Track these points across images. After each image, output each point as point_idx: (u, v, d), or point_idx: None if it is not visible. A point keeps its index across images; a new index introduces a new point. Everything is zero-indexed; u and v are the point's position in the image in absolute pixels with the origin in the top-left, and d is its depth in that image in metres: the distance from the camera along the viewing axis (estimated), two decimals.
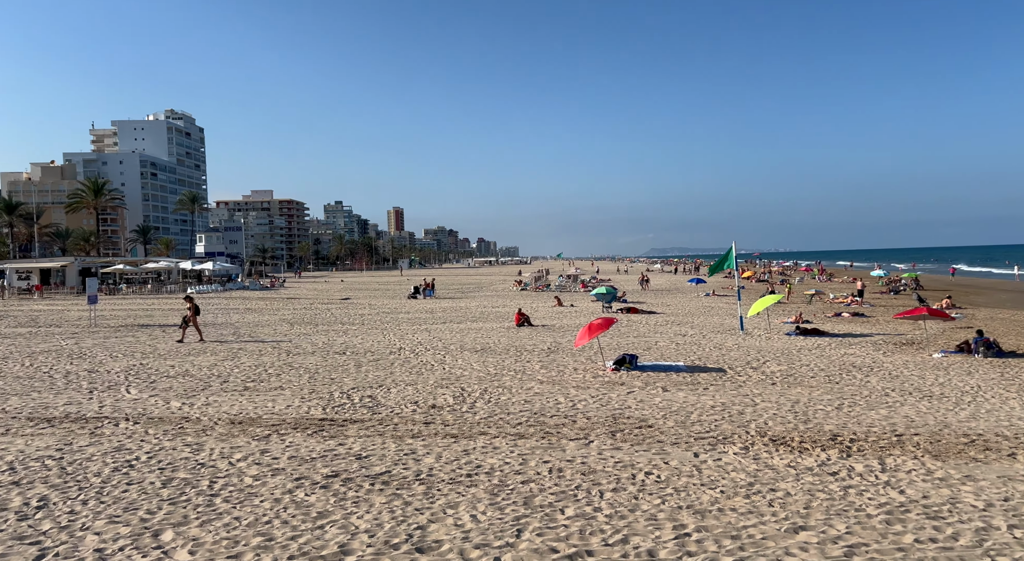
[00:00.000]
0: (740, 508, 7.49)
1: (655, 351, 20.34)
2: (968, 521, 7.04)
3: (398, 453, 9.80)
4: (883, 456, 9.48)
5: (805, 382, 15.31)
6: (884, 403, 13.00)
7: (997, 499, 7.68)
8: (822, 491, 8.02)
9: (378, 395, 14.12)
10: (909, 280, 53.76)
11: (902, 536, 6.67)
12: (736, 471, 8.84)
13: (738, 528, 6.92)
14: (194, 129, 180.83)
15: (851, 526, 6.94)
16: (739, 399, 13.46)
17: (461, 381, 15.69)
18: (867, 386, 14.74)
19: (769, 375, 16.20)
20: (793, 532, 6.80)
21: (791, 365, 17.61)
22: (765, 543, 6.54)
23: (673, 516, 7.28)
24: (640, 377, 16.06)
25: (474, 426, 11.43)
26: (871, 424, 11.34)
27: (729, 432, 10.88)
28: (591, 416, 12.05)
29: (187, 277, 68.38)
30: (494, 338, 24.06)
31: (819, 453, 9.65)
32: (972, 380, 15.34)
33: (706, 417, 11.93)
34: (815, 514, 7.29)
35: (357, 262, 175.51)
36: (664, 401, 13.32)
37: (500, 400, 13.50)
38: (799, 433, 10.78)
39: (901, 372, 16.46)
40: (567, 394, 14.03)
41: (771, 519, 7.15)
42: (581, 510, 7.51)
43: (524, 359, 18.97)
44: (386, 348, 21.69)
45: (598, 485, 8.32)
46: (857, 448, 9.90)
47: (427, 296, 49.64)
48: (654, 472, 8.82)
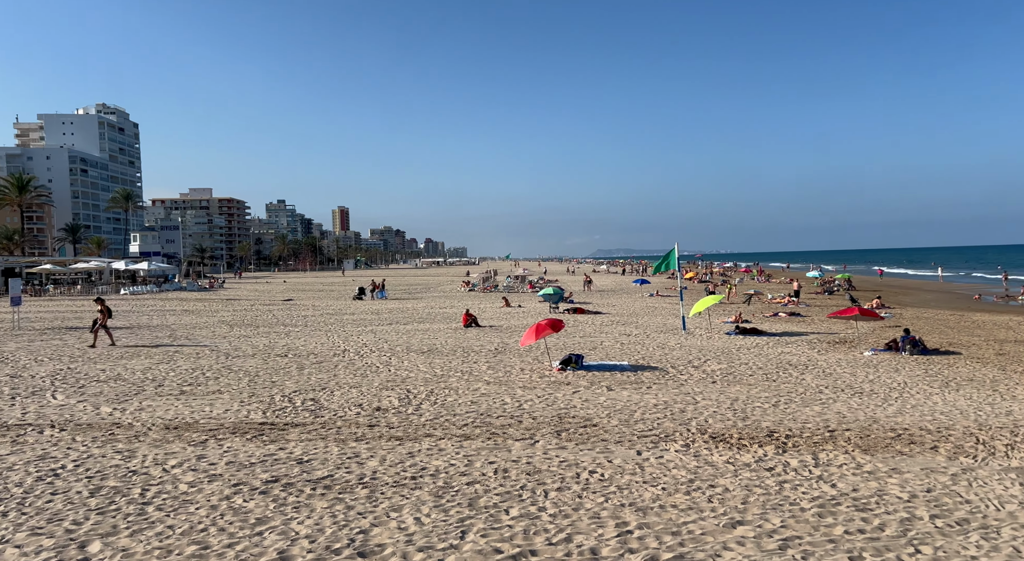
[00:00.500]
0: (681, 504, 7.64)
1: (600, 351, 20.58)
2: (894, 512, 7.36)
3: (341, 457, 9.63)
4: (816, 451, 9.82)
5: (744, 380, 15.74)
6: (818, 400, 13.47)
7: (920, 490, 8.06)
8: (759, 486, 8.25)
9: (321, 398, 13.86)
10: (842, 281, 55.93)
11: (833, 528, 6.93)
12: (677, 468, 9.02)
13: (678, 524, 7.06)
14: (128, 124, 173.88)
15: (786, 520, 7.16)
16: (681, 397, 13.74)
17: (407, 383, 15.55)
18: (802, 384, 15.26)
19: (710, 374, 16.60)
20: (731, 527, 6.98)
21: (731, 364, 18.08)
22: (704, 538, 6.68)
23: (616, 514, 7.38)
24: (586, 377, 16.23)
25: (419, 428, 11.33)
26: (806, 420, 11.74)
27: (671, 430, 11.09)
28: (537, 416, 12.11)
29: (120, 278, 65.70)
30: (441, 339, 23.93)
31: (756, 449, 9.93)
32: (899, 377, 16.06)
33: (649, 415, 12.13)
34: (752, 509, 7.50)
35: (301, 262, 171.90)
36: (609, 400, 13.49)
37: (446, 401, 13.43)
38: (738, 430, 11.07)
39: (834, 370, 17.10)
40: (514, 394, 14.06)
41: (710, 515, 7.32)
42: (526, 510, 7.53)
43: (471, 360, 18.93)
44: (330, 350, 21.31)
45: (543, 485, 8.36)
46: (792, 444, 10.23)
47: (379, 297, 49.07)
48: (598, 471, 8.92)
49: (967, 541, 6.56)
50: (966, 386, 14.85)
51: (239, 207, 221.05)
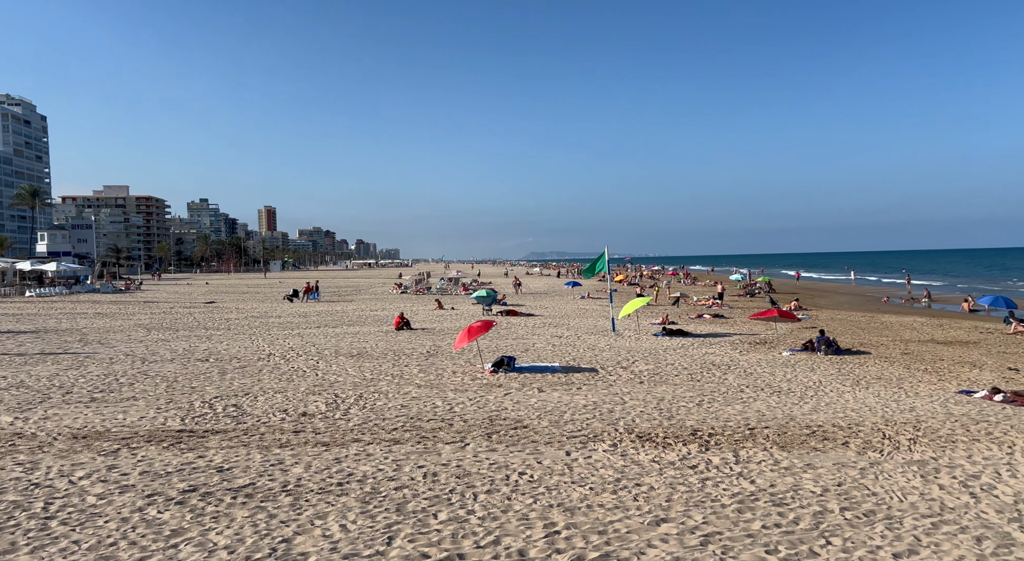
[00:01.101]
0: (607, 504, 7.76)
1: (532, 353, 20.72)
2: (807, 506, 7.69)
3: (264, 464, 9.33)
4: (737, 449, 10.17)
5: (670, 380, 16.16)
6: (739, 399, 13.96)
7: (832, 484, 8.45)
8: (682, 484, 8.47)
9: (244, 404, 13.39)
10: (763, 284, 58.26)
11: (751, 523, 7.18)
12: (605, 468, 9.16)
13: (605, 523, 7.17)
14: (35, 117, 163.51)
15: (707, 516, 7.37)
16: (610, 398, 13.98)
17: (335, 387, 15.21)
18: (725, 383, 15.78)
19: (637, 374, 16.95)
20: (655, 524, 7.14)
21: (657, 364, 18.53)
22: (629, 537, 6.81)
23: (544, 515, 7.43)
24: (517, 378, 16.29)
25: (347, 433, 11.10)
26: (727, 419, 12.14)
27: (599, 430, 11.26)
28: (468, 419, 12.07)
29: (26, 279, 61.70)
30: (372, 342, 23.55)
31: (681, 447, 10.20)
32: (815, 376, 16.83)
33: (578, 416, 12.28)
34: (676, 506, 7.69)
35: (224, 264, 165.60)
36: (539, 401, 13.58)
37: (376, 406, 13.21)
38: (663, 429, 11.35)
39: (755, 369, 17.76)
40: (445, 397, 13.97)
41: (636, 513, 7.47)
42: (454, 514, 7.48)
43: (402, 363, 18.71)
44: (254, 354, 20.64)
45: (472, 488, 8.33)
46: (715, 442, 10.55)
47: (311, 299, 47.96)
48: (528, 472, 8.96)
49: (873, 532, 6.92)
50: (875, 384, 15.69)
51: (158, 206, 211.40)
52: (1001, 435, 10.88)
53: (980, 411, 12.70)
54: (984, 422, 11.78)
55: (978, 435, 10.88)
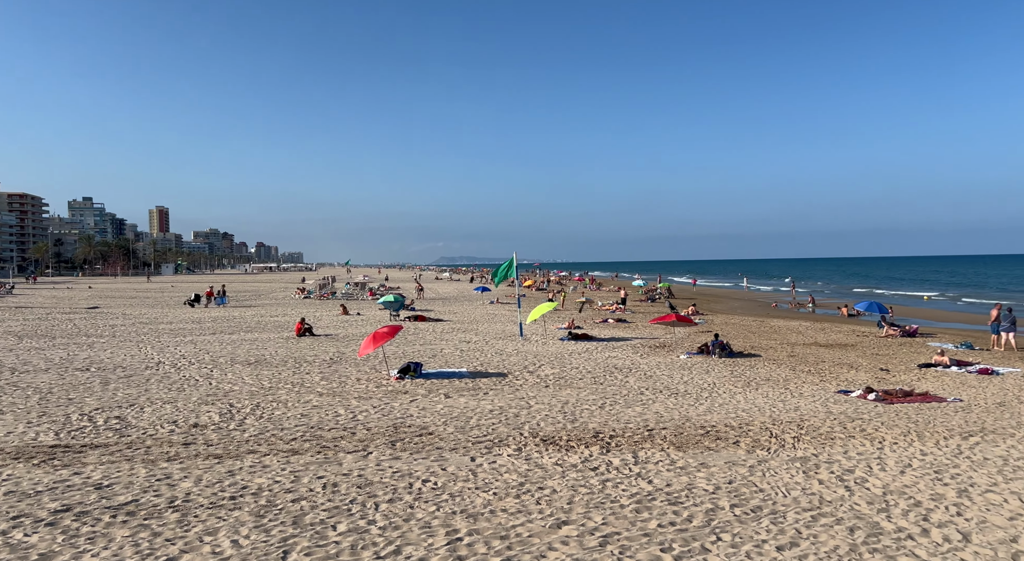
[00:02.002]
0: (511, 508, 7.79)
1: (440, 358, 20.58)
2: (700, 504, 8.02)
3: (149, 479, 8.77)
4: (636, 450, 10.48)
5: (574, 384, 16.47)
6: (640, 401, 14.41)
7: (723, 482, 8.86)
8: (584, 486, 8.64)
9: (128, 415, 12.55)
10: (663, 289, 60.53)
11: (648, 522, 7.41)
12: (509, 472, 9.20)
13: (507, 528, 7.19)
14: None
15: (607, 517, 7.55)
16: (516, 402, 14.08)
17: (230, 397, 14.53)
18: (626, 386, 16.25)
19: (543, 378, 17.18)
20: (557, 527, 7.23)
21: (563, 368, 18.85)
22: (531, 540, 6.86)
23: (447, 522, 7.37)
24: (424, 385, 16.13)
25: (242, 444, 10.61)
26: (628, 421, 12.50)
27: (505, 435, 11.31)
28: (371, 427, 11.82)
29: None
30: (271, 349, 22.68)
31: (583, 450, 10.40)
32: (709, 378, 17.61)
33: (485, 421, 12.29)
34: (577, 508, 7.82)
35: (110, 267, 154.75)
36: (446, 408, 13.50)
37: (274, 415, 12.71)
38: (567, 432, 11.53)
39: (654, 372, 18.40)
40: (348, 405, 13.63)
41: (538, 517, 7.54)
42: (355, 524, 7.29)
43: (303, 371, 18.11)
44: (141, 363, 19.41)
45: (374, 497, 8.16)
46: (615, 444, 10.83)
47: (219, 303, 45.69)
48: (431, 479, 8.87)
49: (759, 526, 7.30)
50: (764, 385, 16.60)
51: (34, 204, 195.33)
52: (873, 431, 11.77)
53: (856, 409, 13.69)
54: (859, 420, 12.70)
55: (853, 432, 11.71)
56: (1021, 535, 7.11)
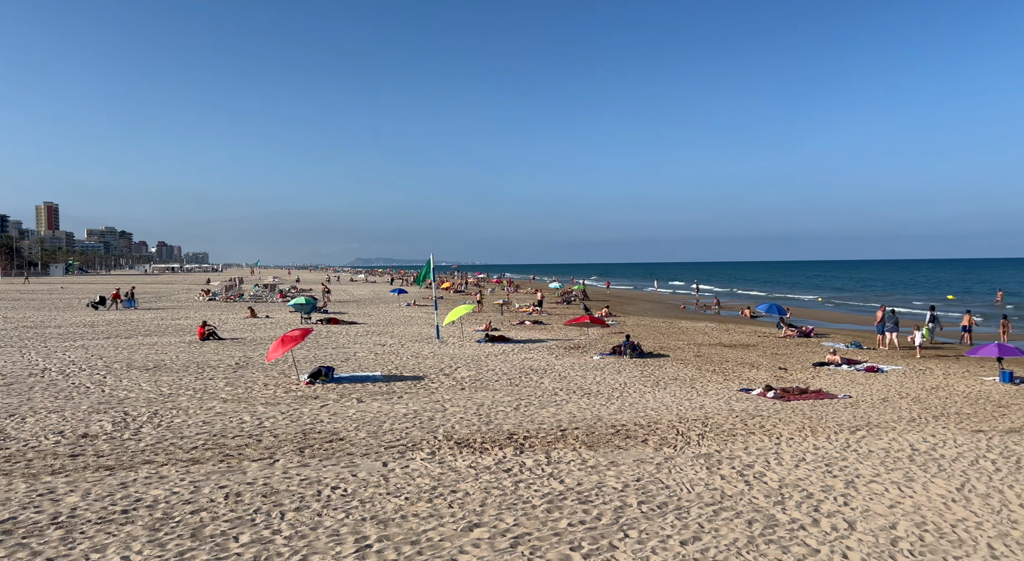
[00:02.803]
0: (422, 513, 7.71)
1: (354, 362, 20.15)
2: (609, 502, 8.20)
3: (30, 494, 8.13)
4: (549, 450, 10.60)
5: (490, 386, 16.50)
6: (554, 401, 14.60)
7: (632, 480, 9.09)
8: (496, 488, 8.66)
9: (7, 427, 11.61)
10: (578, 292, 61.66)
11: (559, 522, 7.50)
12: (422, 476, 9.10)
13: (418, 533, 7.11)
14: None
15: (518, 518, 7.59)
16: (431, 405, 13.96)
17: (125, 404, 13.69)
18: (541, 387, 16.43)
19: (460, 381, 17.13)
20: (468, 530, 7.21)
21: (479, 370, 18.86)
22: (442, 544, 6.81)
23: (356, 529, 7.20)
24: (336, 389, 15.74)
25: (137, 455, 10.02)
26: (542, 421, 12.63)
27: (419, 438, 11.19)
28: (279, 433, 11.42)
29: None
30: (172, 354, 21.54)
31: (497, 452, 10.43)
32: (621, 378, 18.06)
33: (398, 425, 12.12)
34: (489, 510, 7.83)
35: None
36: (358, 412, 13.22)
37: (173, 423, 12.07)
38: (481, 434, 11.53)
39: (568, 373, 18.70)
40: (254, 412, 13.12)
41: (450, 520, 7.49)
42: (258, 535, 7.02)
43: (207, 376, 17.30)
44: (24, 369, 18.00)
45: (280, 506, 7.88)
46: (529, 444, 10.92)
47: (127, 306, 42.90)
48: (341, 486, 8.65)
49: (664, 522, 7.53)
50: (672, 385, 17.18)
51: None
52: (771, 427, 12.39)
53: (756, 407, 14.38)
54: (759, 416, 13.35)
55: (754, 428, 12.30)
56: (900, 522, 7.67)
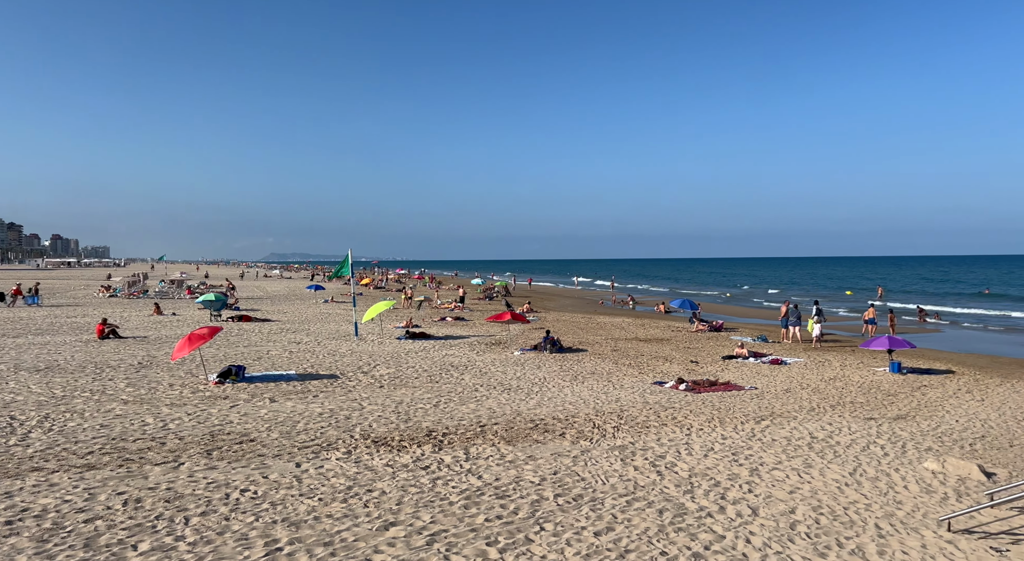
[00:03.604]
0: (336, 513, 7.54)
1: (267, 360, 19.49)
2: (526, 495, 8.27)
3: None
4: (468, 446, 10.59)
5: (410, 383, 16.32)
6: (474, 398, 14.59)
7: (549, 473, 9.20)
8: (414, 485, 8.57)
9: None
10: (500, 288, 61.93)
11: (476, 517, 7.50)
12: (337, 476, 8.90)
13: (332, 534, 6.95)
14: None
15: (435, 515, 7.54)
16: (348, 404, 13.68)
17: (11, 408, 12.72)
18: (462, 383, 16.39)
19: (378, 378, 16.86)
20: (384, 529, 7.10)
21: (399, 367, 18.62)
22: (356, 545, 6.68)
23: (266, 532, 6.97)
24: (247, 389, 15.17)
25: (24, 462, 9.33)
26: (462, 418, 12.60)
27: (334, 438, 10.94)
28: (184, 435, 10.90)
29: None
30: (66, 354, 20.18)
31: (415, 449, 10.33)
32: (540, 373, 18.26)
33: (313, 425, 11.81)
34: (406, 508, 7.74)
35: None
36: (271, 412, 12.79)
37: (66, 427, 11.31)
38: (400, 432, 11.39)
39: (489, 369, 18.74)
40: (158, 413, 12.47)
41: (365, 520, 7.36)
42: (159, 542, 6.67)
43: (105, 377, 16.31)
44: None
45: (184, 511, 7.52)
46: (448, 441, 10.87)
47: (30, 303, 39.65)
48: (251, 488, 8.35)
49: (580, 514, 7.67)
50: (589, 379, 17.51)
51: None
52: (683, 419, 12.83)
53: (668, 399, 14.86)
54: (671, 408, 13.79)
55: (666, 420, 12.70)
56: (798, 506, 8.10)
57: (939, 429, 12.44)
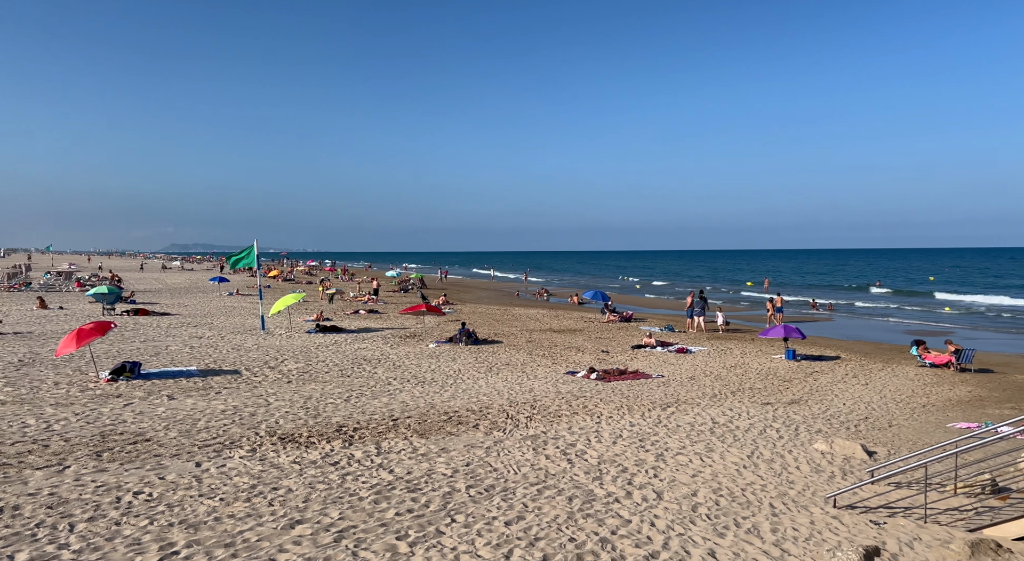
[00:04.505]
0: (239, 513, 7.25)
1: (165, 356, 18.49)
2: (438, 488, 8.23)
3: None
4: (380, 440, 10.42)
5: (320, 377, 15.90)
6: (387, 391, 14.38)
7: (462, 465, 9.19)
8: (322, 482, 8.35)
9: None
10: (416, 280, 61.30)
11: (386, 512, 7.40)
12: (240, 475, 8.56)
13: (234, 534, 6.67)
14: None
15: (344, 511, 7.38)
16: (253, 400, 13.18)
17: None
18: (374, 377, 16.11)
19: (286, 374, 16.32)
20: (290, 527, 6.89)
21: (308, 362, 18.10)
22: (260, 545, 6.44)
23: (161, 536, 6.61)
24: (143, 386, 14.35)
25: None
26: (373, 412, 12.39)
27: (238, 435, 10.52)
28: (71, 437, 10.19)
29: None
30: None
31: (324, 445, 10.07)
32: (456, 365, 18.20)
33: (215, 423, 11.30)
34: (313, 506, 7.53)
35: None
36: (169, 410, 12.15)
37: None
38: (308, 428, 11.08)
39: (403, 362, 18.51)
40: (41, 414, 11.60)
41: (269, 519, 7.11)
42: (40, 551, 6.21)
43: None
44: None
45: (69, 517, 7.03)
46: (359, 436, 10.66)
47: None
48: (145, 490, 7.90)
49: (491, 504, 7.70)
50: (504, 370, 17.61)
51: None
52: (593, 407, 13.12)
53: (580, 388, 15.15)
54: (583, 397, 14.07)
55: (578, 409, 12.94)
56: (700, 489, 8.44)
57: (828, 412, 13.28)
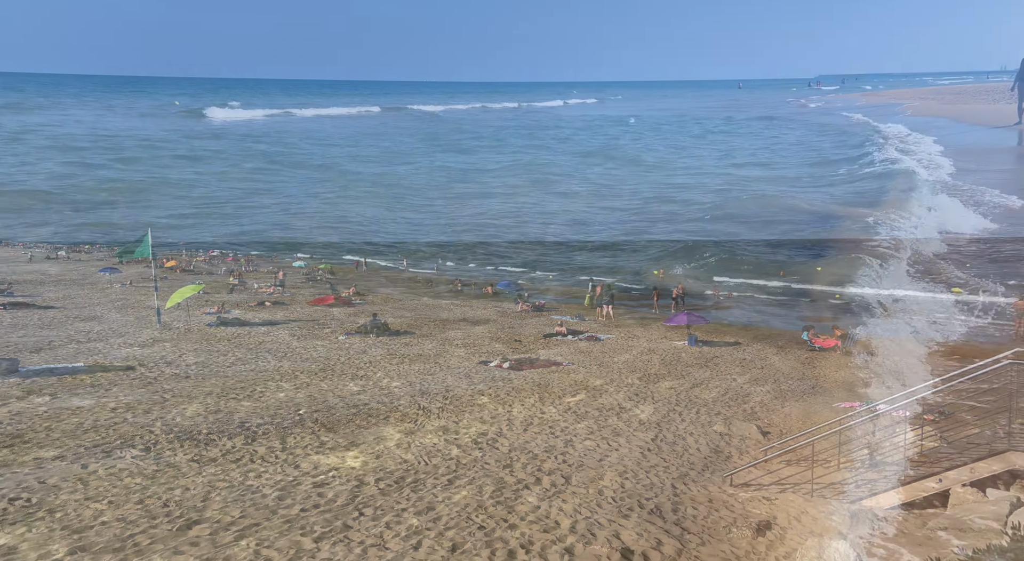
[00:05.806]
0: (130, 516, 6.86)
1: (48, 352, 17.18)
2: (347, 482, 8.08)
3: None
4: (285, 436, 10.11)
5: (221, 372, 15.23)
6: (293, 385, 13.94)
7: (371, 458, 9.06)
8: (223, 480, 8.02)
9: None
10: (325, 271, 59.71)
11: (291, 508, 7.19)
12: (132, 476, 8.09)
13: (123, 538, 6.31)
14: None
15: (246, 509, 7.12)
16: (148, 397, 12.47)
17: None
18: (279, 370, 15.57)
19: (184, 369, 15.54)
20: (187, 528, 6.59)
21: (209, 356, 17.30)
22: (153, 548, 6.13)
23: (41, 544, 6.18)
24: (21, 385, 13.28)
25: None
26: (279, 407, 12.00)
27: (130, 435, 9.93)
28: None
29: None
30: None
31: (225, 442, 9.67)
32: (366, 357, 17.87)
33: (104, 422, 10.63)
34: (212, 505, 7.23)
35: None
36: (52, 410, 11.32)
37: None
38: (208, 425, 10.60)
39: (311, 354, 18.00)
40: None
41: (164, 520, 6.77)
42: None
43: None
44: None
45: None
46: (263, 432, 10.30)
47: None
48: (23, 496, 7.34)
49: (401, 496, 7.64)
50: (417, 361, 17.44)
51: None
52: (505, 396, 13.23)
53: (493, 377, 15.24)
54: (495, 386, 14.16)
55: (490, 398, 13.01)
56: (607, 473, 8.69)
57: (727, 395, 13.96)
